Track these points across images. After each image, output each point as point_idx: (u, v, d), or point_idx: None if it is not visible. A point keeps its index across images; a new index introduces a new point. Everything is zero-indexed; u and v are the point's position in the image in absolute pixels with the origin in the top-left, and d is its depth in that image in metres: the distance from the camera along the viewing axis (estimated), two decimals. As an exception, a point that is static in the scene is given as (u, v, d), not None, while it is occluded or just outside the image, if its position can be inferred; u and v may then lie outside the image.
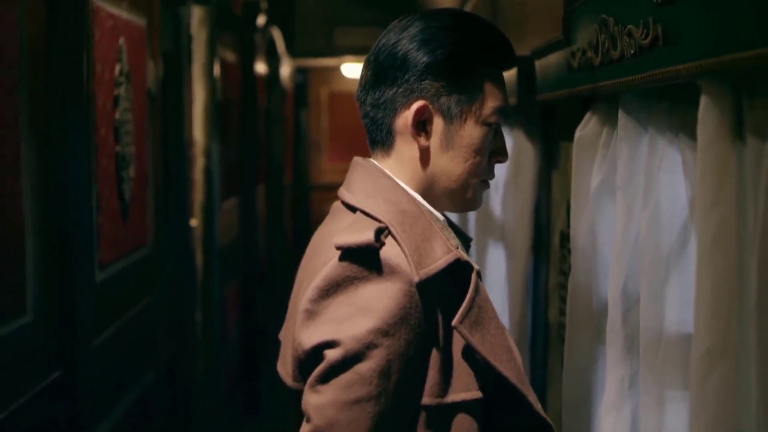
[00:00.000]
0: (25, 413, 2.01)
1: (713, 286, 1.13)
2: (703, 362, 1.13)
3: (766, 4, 0.97)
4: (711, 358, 1.13)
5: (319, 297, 1.26)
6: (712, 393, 1.13)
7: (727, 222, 1.11)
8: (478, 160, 1.39)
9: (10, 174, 1.94)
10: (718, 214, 1.12)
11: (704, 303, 1.13)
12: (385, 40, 1.40)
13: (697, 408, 1.15)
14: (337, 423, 1.22)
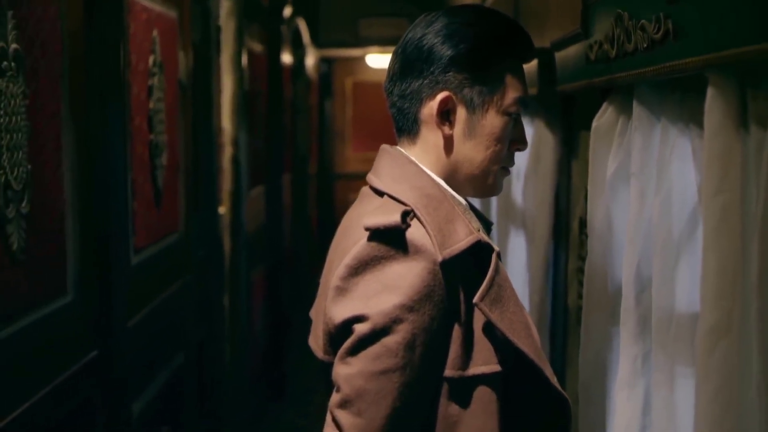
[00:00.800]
0: (64, 390, 2.11)
1: (718, 267, 1.20)
2: (707, 338, 1.21)
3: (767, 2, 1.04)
4: (715, 334, 1.20)
5: (348, 275, 1.34)
6: (716, 367, 1.20)
7: (731, 207, 1.18)
8: (499, 148, 1.47)
9: (52, 161, 2.04)
10: (722, 199, 1.19)
11: (709, 283, 1.21)
12: (411, 35, 1.48)
13: (701, 381, 1.22)
14: (366, 392, 1.31)
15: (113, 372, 2.40)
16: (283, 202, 6.00)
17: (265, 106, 5.54)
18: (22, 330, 1.87)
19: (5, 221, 1.77)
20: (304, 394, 5.84)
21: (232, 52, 4.37)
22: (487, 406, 1.37)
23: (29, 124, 1.88)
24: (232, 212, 4.44)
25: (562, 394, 1.43)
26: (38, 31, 1.94)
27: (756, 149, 1.14)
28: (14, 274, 1.83)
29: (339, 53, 9.33)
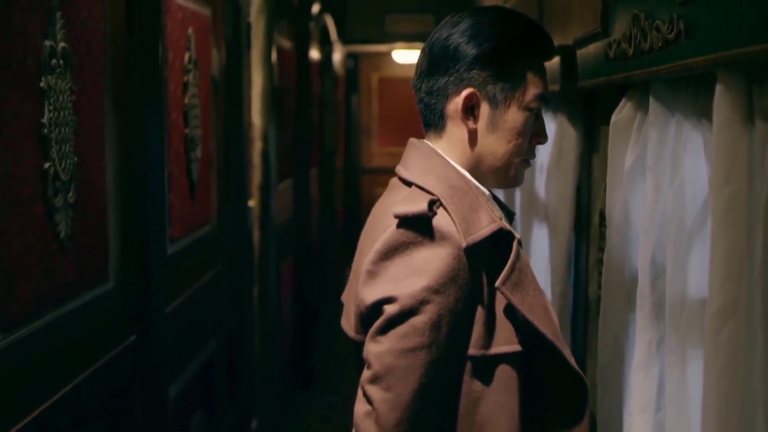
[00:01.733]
0: (105, 373, 2.22)
1: (725, 254, 1.28)
2: (715, 320, 1.29)
3: (771, 5, 1.12)
4: (722, 316, 1.28)
5: (379, 259, 1.44)
6: (723, 347, 1.28)
7: (738, 197, 1.26)
8: (521, 141, 1.56)
9: (96, 153, 2.15)
10: (729, 190, 1.27)
11: (717, 268, 1.29)
12: (438, 34, 1.57)
13: (709, 360, 1.30)
14: (394, 368, 1.40)
15: (151, 356, 2.50)
16: (310, 195, 6.11)
17: (294, 101, 5.64)
18: (68, 314, 1.98)
19: (54, 210, 1.88)
20: (331, 384, 5.95)
21: (262, 49, 4.48)
22: (507, 383, 1.46)
23: (75, 119, 1.99)
24: (261, 205, 4.54)
25: (580, 374, 1.52)
26: (84, 30, 2.05)
27: (761, 143, 1.21)
28: (62, 261, 1.94)
29: (365, 49, 9.42)
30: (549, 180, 2.87)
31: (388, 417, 1.39)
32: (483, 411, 1.46)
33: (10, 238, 1.69)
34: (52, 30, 1.86)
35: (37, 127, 1.80)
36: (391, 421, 1.39)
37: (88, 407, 2.13)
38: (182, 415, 2.95)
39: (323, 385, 5.93)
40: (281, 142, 5.03)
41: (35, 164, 1.80)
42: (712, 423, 1.30)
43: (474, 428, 1.46)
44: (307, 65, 5.90)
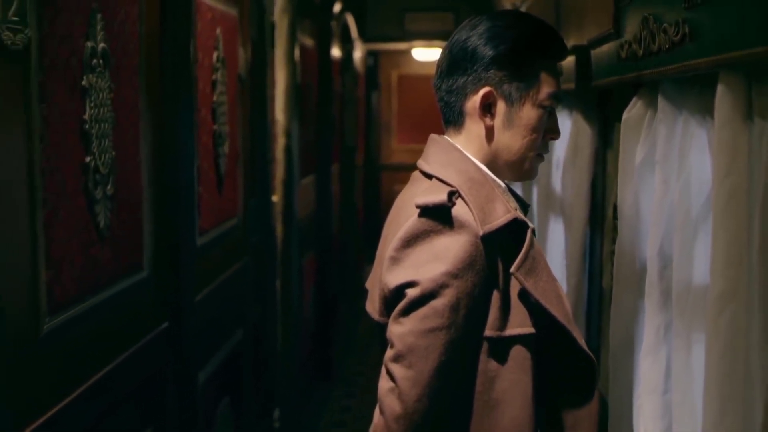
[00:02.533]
0: (139, 358, 2.33)
1: (726, 241, 1.37)
2: (716, 303, 1.38)
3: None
4: (724, 299, 1.37)
5: (402, 246, 1.54)
6: (724, 328, 1.37)
7: (738, 188, 1.35)
8: (535, 137, 1.66)
9: (132, 149, 2.26)
10: (730, 182, 1.36)
11: (718, 255, 1.38)
12: (458, 36, 1.67)
13: (711, 341, 1.39)
14: (416, 347, 1.50)
15: (182, 343, 2.62)
16: (332, 191, 6.20)
17: (316, 98, 5.74)
18: (107, 300, 2.09)
19: (94, 201, 1.99)
20: (351, 376, 6.06)
21: (285, 47, 4.58)
22: (521, 363, 1.56)
23: (113, 115, 2.10)
24: (284, 200, 4.65)
25: (589, 356, 1.61)
26: (121, 32, 2.16)
27: (760, 138, 1.30)
28: (101, 250, 2.05)
29: (385, 47, 9.50)
30: (565, 175, 2.96)
31: (410, 393, 1.50)
32: (498, 388, 1.56)
33: (56, 227, 1.80)
34: (93, 31, 1.97)
35: (79, 123, 1.91)
36: (413, 396, 1.49)
37: (123, 390, 2.24)
38: (210, 400, 3.06)
39: (343, 377, 6.04)
40: (304, 138, 5.14)
41: (78, 158, 1.91)
42: (713, 400, 1.39)
43: (490, 404, 1.56)
44: (328, 63, 6.00)
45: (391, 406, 1.51)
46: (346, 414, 5.32)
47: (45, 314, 1.77)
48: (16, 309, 1.65)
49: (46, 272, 1.76)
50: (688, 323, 1.65)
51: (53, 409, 1.80)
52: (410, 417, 1.50)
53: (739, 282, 1.36)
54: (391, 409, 1.51)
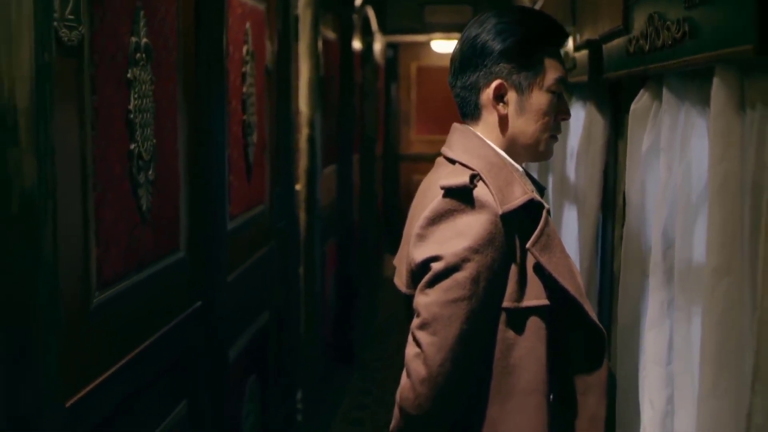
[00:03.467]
0: (175, 334, 2.48)
1: (720, 221, 1.50)
2: (712, 277, 1.51)
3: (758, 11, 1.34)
4: (718, 274, 1.50)
5: (427, 224, 1.69)
6: (719, 300, 1.50)
7: (732, 172, 1.48)
8: (547, 120, 1.81)
9: (170, 137, 2.41)
10: (725, 166, 1.49)
11: (714, 233, 1.51)
12: (467, 34, 1.83)
13: (707, 312, 1.52)
14: (440, 316, 1.64)
15: (214, 320, 2.77)
16: (352, 180, 6.35)
17: (338, 90, 5.89)
18: (148, 278, 2.25)
19: (137, 186, 2.14)
20: (371, 360, 6.21)
21: (309, 41, 4.72)
22: (537, 332, 1.70)
23: (154, 106, 2.25)
24: (307, 189, 4.80)
25: (599, 326, 1.75)
26: (161, 27, 2.31)
27: (750, 127, 1.43)
28: (144, 231, 2.20)
29: (405, 39, 9.64)
30: (578, 164, 3.09)
31: (434, 358, 1.64)
32: (515, 355, 1.70)
33: (105, 209, 1.96)
34: (137, 28, 2.13)
35: (124, 113, 2.06)
36: (437, 361, 1.64)
37: (161, 364, 2.39)
38: (239, 377, 3.22)
39: (363, 362, 6.19)
40: (326, 129, 5.28)
41: (123, 145, 2.06)
42: (709, 365, 1.52)
43: (507, 370, 1.70)
44: (350, 55, 6.14)
45: (417, 369, 1.66)
46: (367, 397, 5.48)
47: (94, 290, 1.92)
48: (71, 284, 1.81)
49: (96, 250, 1.92)
50: (689, 299, 1.78)
51: (99, 378, 1.96)
52: (434, 380, 1.64)
53: (733, 258, 1.49)
54: (417, 372, 1.66)
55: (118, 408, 2.07)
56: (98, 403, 1.94)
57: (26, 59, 1.60)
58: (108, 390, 1.98)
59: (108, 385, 1.98)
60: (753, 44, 1.33)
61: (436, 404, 1.66)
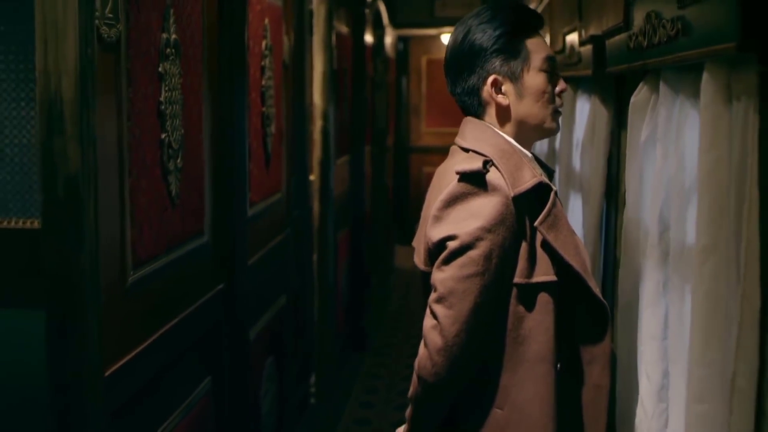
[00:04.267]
0: (201, 313, 2.63)
1: (709, 204, 1.63)
2: (701, 255, 1.64)
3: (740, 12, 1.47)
4: (706, 252, 1.63)
5: (444, 206, 1.82)
6: (707, 276, 1.63)
7: (719, 160, 1.61)
8: (546, 97, 1.94)
9: (196, 127, 2.55)
10: (713, 154, 1.62)
11: (702, 215, 1.64)
12: (454, 43, 1.98)
13: (696, 287, 1.66)
14: (455, 291, 1.78)
15: (236, 301, 2.92)
16: (364, 171, 6.49)
17: (350, 83, 6.02)
18: (176, 259, 2.40)
19: (167, 173, 2.29)
20: (382, 347, 6.36)
21: (323, 35, 4.86)
22: (545, 306, 1.84)
23: (182, 98, 2.40)
24: (321, 179, 4.94)
25: (602, 301, 1.89)
26: (188, 24, 2.45)
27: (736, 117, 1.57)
28: (173, 215, 2.35)
29: (415, 32, 9.77)
30: (583, 154, 3.22)
31: (450, 329, 1.78)
32: (525, 327, 1.84)
33: (139, 194, 2.10)
34: (167, 24, 2.27)
35: (156, 104, 2.21)
36: (452, 332, 1.78)
37: (188, 341, 2.54)
38: (258, 357, 3.37)
39: (375, 348, 6.34)
40: (339, 120, 5.41)
41: (155, 135, 2.21)
42: (698, 336, 1.66)
43: (518, 340, 1.84)
44: (362, 49, 6.28)
45: (434, 340, 1.80)
46: (378, 381, 5.62)
47: (130, 268, 2.07)
48: (110, 262, 1.96)
49: (131, 232, 2.07)
50: (683, 279, 1.91)
51: (134, 352, 2.10)
52: (450, 349, 1.78)
53: (719, 238, 1.62)
54: (433, 342, 1.80)
55: (150, 381, 2.22)
56: (133, 375, 2.09)
57: (71, 55, 1.75)
58: (141, 363, 2.13)
59: (141, 359, 2.13)
60: (735, 42, 1.46)
61: (451, 372, 1.80)
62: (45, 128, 1.77)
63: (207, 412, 2.73)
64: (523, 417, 1.86)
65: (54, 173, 1.78)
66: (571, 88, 3.68)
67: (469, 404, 1.89)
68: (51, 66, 1.76)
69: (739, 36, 1.41)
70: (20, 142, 2.70)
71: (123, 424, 2.05)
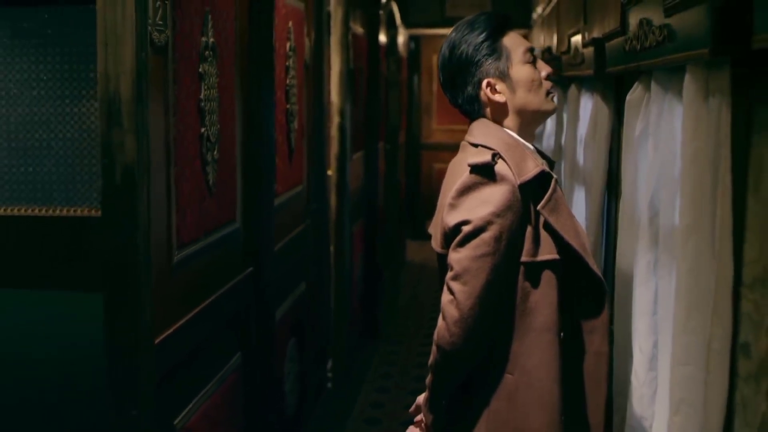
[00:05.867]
0: (233, 294, 2.86)
1: (691, 188, 1.85)
2: (684, 233, 1.86)
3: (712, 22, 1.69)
4: (689, 231, 1.85)
5: (458, 195, 2.05)
6: (690, 252, 1.85)
7: (700, 150, 1.83)
8: (536, 84, 2.17)
9: (230, 122, 2.79)
10: (694, 145, 1.84)
11: (685, 198, 1.86)
12: (443, 62, 2.22)
13: (680, 263, 1.88)
14: (470, 268, 2.00)
15: (263, 285, 3.15)
16: (378, 167, 6.70)
17: (365, 81, 6.24)
18: (212, 243, 2.63)
19: (206, 164, 2.52)
20: (394, 336, 6.59)
21: (340, 35, 5.08)
22: (549, 282, 2.07)
23: (218, 96, 2.63)
24: (338, 173, 5.16)
25: (600, 277, 2.11)
26: (223, 28, 2.69)
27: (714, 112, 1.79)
28: (210, 203, 2.59)
29: (426, 32, 9.98)
30: (586, 149, 3.45)
31: (465, 303, 2.01)
32: (532, 300, 2.07)
33: (182, 183, 2.34)
34: (206, 29, 2.50)
35: (197, 102, 2.44)
36: (467, 305, 2.01)
37: (222, 319, 2.78)
38: (282, 338, 3.60)
39: (387, 337, 6.57)
40: (355, 118, 5.63)
41: (196, 129, 2.44)
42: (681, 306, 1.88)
43: (526, 312, 2.07)
44: (376, 48, 6.49)
45: (451, 313, 2.03)
46: (392, 367, 5.85)
47: (175, 248, 2.31)
48: (159, 243, 2.19)
49: (176, 216, 2.30)
50: (671, 259, 2.14)
51: (176, 325, 2.34)
52: (465, 321, 2.01)
53: (701, 217, 1.84)
54: (450, 315, 2.03)
55: (189, 353, 2.45)
56: (176, 346, 2.32)
57: (128, 58, 1.99)
58: (182, 335, 2.37)
59: (182, 332, 2.37)
60: (709, 48, 1.68)
61: (466, 341, 2.03)
62: (105, 123, 2.01)
63: (237, 386, 2.96)
64: (532, 381, 2.09)
65: (113, 163, 2.02)
66: (575, 87, 3.91)
67: (482, 370, 2.12)
68: (111, 68, 2.00)
69: (712, 43, 1.64)
70: (64, 136, 2.92)
71: (168, 390, 2.28)
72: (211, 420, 2.64)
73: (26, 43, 2.85)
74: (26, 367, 2.89)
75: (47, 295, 2.92)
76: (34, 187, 2.93)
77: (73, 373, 2.80)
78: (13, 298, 2.91)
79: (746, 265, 1.74)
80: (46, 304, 2.92)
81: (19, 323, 2.91)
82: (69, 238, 2.88)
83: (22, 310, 2.92)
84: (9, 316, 2.91)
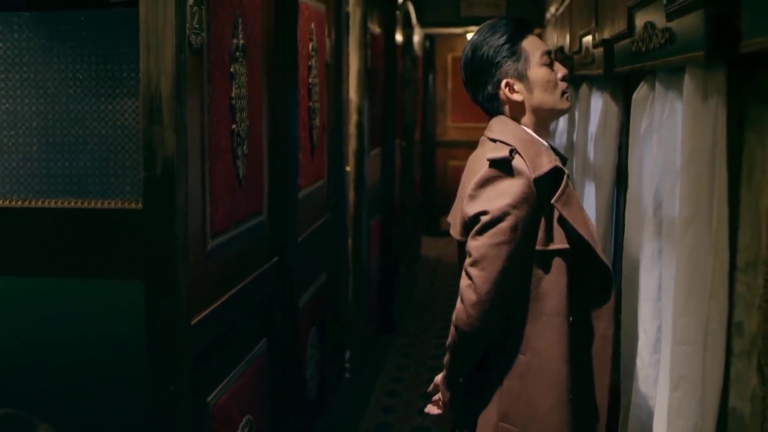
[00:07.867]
0: (260, 282, 3.02)
1: (689, 181, 1.99)
2: (683, 223, 2.01)
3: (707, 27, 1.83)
4: (688, 221, 1.99)
5: (477, 187, 2.19)
6: (688, 242, 1.99)
7: (698, 146, 1.98)
8: (552, 84, 2.31)
9: (258, 119, 2.95)
10: (693, 141, 1.98)
11: (684, 191, 2.01)
12: (466, 62, 2.36)
13: (679, 251, 2.02)
14: (487, 256, 2.15)
15: (288, 274, 3.31)
16: (394, 163, 6.85)
17: (383, 80, 6.39)
18: (242, 233, 2.79)
19: (236, 158, 2.68)
20: (410, 329, 6.74)
21: (358, 35, 5.24)
22: (560, 269, 2.21)
23: (248, 94, 2.79)
24: (356, 169, 5.32)
25: (607, 265, 2.25)
26: (252, 30, 2.85)
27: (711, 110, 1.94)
28: (240, 194, 2.75)
29: (441, 31, 10.12)
30: (596, 145, 3.59)
31: (482, 287, 2.16)
32: (543, 286, 2.21)
33: (215, 175, 2.50)
34: (236, 32, 2.66)
35: (229, 100, 2.60)
36: (484, 290, 2.16)
37: (250, 305, 2.93)
38: (305, 326, 3.76)
39: (403, 330, 6.72)
40: (372, 115, 5.79)
41: (228, 126, 2.60)
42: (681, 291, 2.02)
43: (538, 297, 2.21)
44: (393, 48, 6.64)
45: (469, 296, 2.18)
46: (408, 359, 6.01)
47: (209, 237, 2.47)
48: (194, 230, 2.35)
49: (210, 207, 2.46)
50: (673, 248, 2.28)
51: (209, 309, 2.49)
52: (482, 304, 2.16)
53: (699, 209, 1.99)
54: (468, 298, 2.18)
55: (220, 336, 2.61)
56: (209, 328, 2.48)
57: (169, 59, 2.15)
58: (214, 319, 2.52)
59: (214, 315, 2.52)
60: (704, 51, 1.83)
61: (482, 323, 2.18)
62: (147, 119, 2.17)
63: (263, 370, 3.12)
64: (543, 361, 2.24)
65: (153, 156, 2.18)
66: (587, 85, 4.05)
67: (497, 351, 2.27)
68: (152, 68, 2.16)
69: (707, 47, 1.78)
70: (99, 132, 3.08)
71: (202, 369, 2.44)
72: (239, 400, 2.80)
73: (63, 44, 3.01)
74: (67, 350, 3.05)
75: (86, 283, 3.07)
76: (70, 180, 3.08)
77: (109, 359, 2.96)
78: (53, 286, 3.08)
79: (740, 251, 1.88)
80: (85, 292, 3.08)
81: (59, 311, 3.08)
82: (106, 229, 3.03)
83: (62, 298, 3.09)
84: (48, 304, 3.08)
